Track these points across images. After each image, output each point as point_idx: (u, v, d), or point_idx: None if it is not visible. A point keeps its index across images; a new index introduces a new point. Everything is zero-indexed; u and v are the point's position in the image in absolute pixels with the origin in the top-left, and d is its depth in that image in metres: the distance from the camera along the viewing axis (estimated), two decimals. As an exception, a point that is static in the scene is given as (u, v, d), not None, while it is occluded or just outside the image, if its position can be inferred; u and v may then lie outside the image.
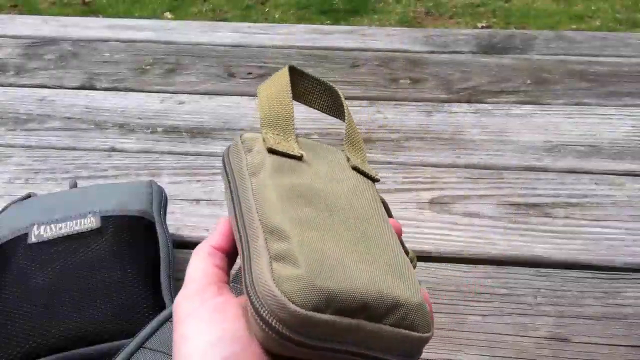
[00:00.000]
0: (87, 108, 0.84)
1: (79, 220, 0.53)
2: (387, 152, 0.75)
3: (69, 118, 0.82)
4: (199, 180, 0.71)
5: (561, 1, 2.53)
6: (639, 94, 0.84)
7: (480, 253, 0.61)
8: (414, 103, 0.84)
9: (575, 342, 0.53)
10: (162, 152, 0.76)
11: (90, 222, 0.52)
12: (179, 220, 0.65)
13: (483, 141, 0.76)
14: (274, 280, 0.27)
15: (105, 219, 0.53)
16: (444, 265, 0.60)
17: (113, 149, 0.77)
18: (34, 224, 0.52)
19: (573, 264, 0.60)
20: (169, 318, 0.45)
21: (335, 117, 0.40)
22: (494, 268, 0.59)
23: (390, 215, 0.36)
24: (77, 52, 0.97)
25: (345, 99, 0.39)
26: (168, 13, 2.56)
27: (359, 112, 0.82)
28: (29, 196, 0.59)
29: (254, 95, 0.87)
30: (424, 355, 0.51)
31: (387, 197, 0.68)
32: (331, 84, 0.39)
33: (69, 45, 0.99)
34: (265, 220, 0.30)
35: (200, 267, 0.32)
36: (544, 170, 0.72)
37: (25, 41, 1.01)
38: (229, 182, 0.34)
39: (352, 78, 0.90)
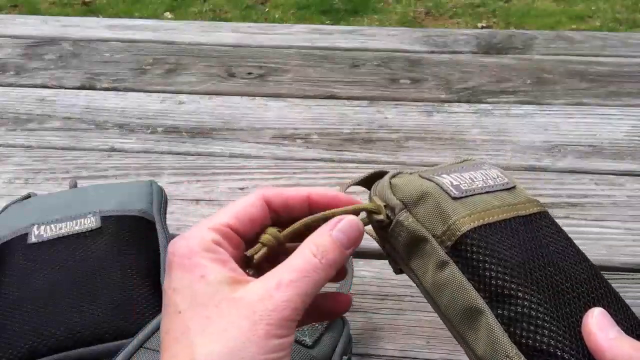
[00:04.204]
0: (87, 108, 0.84)
1: (79, 220, 0.53)
2: (387, 152, 0.75)
3: (69, 118, 0.82)
4: (199, 180, 0.71)
5: (561, 1, 2.53)
6: (639, 94, 0.84)
7: (480, 253, 0.61)
8: (414, 103, 0.84)
9: (575, 342, 0.53)
10: (162, 152, 0.76)
11: (90, 222, 0.52)
12: (179, 220, 0.65)
13: (483, 141, 0.76)
14: None
15: (105, 219, 0.53)
16: (444, 265, 0.60)
17: (113, 149, 0.77)
18: (34, 224, 0.52)
19: (573, 264, 0.60)
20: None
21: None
22: (494, 268, 0.59)
23: None
24: (77, 52, 0.97)
25: (345, 99, 0.39)
26: (168, 13, 2.56)
27: (359, 112, 0.82)
28: (29, 196, 0.59)
29: (254, 95, 0.87)
30: (424, 355, 0.52)
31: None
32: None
33: (69, 45, 0.99)
34: None
35: (204, 237, 0.30)
36: (544, 170, 0.72)
37: (25, 41, 1.01)
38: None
39: (352, 78, 0.90)
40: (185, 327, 0.28)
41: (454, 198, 0.33)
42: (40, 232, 0.52)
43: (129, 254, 0.51)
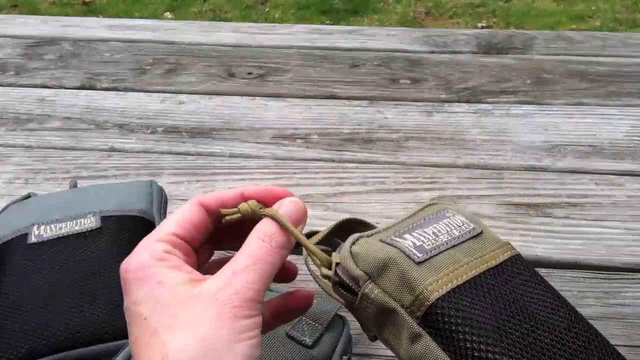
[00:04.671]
0: (87, 108, 0.84)
1: (79, 220, 0.53)
2: (387, 152, 0.75)
3: (69, 118, 0.82)
4: (199, 180, 0.71)
5: (561, 1, 2.53)
6: (639, 94, 0.84)
7: (480, 253, 0.61)
8: (414, 103, 0.84)
9: (575, 342, 0.53)
10: (162, 152, 0.76)
11: (90, 222, 0.52)
12: (179, 220, 0.65)
13: (483, 141, 0.76)
14: None
15: (105, 219, 0.53)
16: (444, 265, 0.60)
17: (113, 149, 0.77)
18: (34, 224, 0.52)
19: (573, 264, 0.60)
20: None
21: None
22: (494, 268, 0.59)
23: None
24: (77, 52, 0.97)
25: (345, 99, 0.39)
26: (168, 13, 2.56)
27: (359, 112, 0.82)
28: (29, 196, 0.59)
29: (254, 95, 0.87)
30: (424, 355, 0.52)
31: (387, 197, 0.68)
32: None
33: (69, 45, 0.99)
34: None
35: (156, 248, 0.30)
36: (544, 170, 0.72)
37: (25, 41, 1.01)
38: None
39: (352, 78, 0.90)
40: (153, 329, 0.28)
41: (419, 263, 0.31)
42: (40, 232, 0.52)
43: (129, 254, 0.51)
